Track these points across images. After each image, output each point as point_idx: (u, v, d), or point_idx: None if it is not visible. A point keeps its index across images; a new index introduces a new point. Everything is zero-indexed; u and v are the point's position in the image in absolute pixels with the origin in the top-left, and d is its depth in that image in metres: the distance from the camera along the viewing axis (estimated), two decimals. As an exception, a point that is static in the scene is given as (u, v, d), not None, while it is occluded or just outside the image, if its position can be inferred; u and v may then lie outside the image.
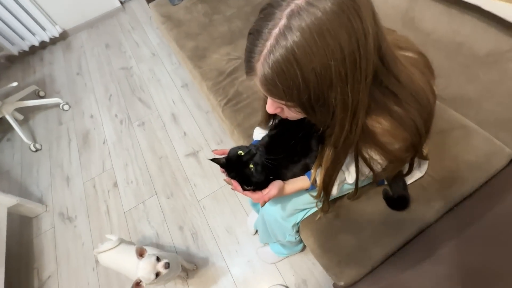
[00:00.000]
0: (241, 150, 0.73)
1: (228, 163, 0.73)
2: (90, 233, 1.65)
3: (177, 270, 1.16)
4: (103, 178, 1.86)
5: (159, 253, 1.11)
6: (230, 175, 0.73)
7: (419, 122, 0.57)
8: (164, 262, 0.99)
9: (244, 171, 0.70)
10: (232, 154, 0.74)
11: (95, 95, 2.37)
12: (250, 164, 0.70)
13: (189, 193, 1.67)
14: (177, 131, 1.97)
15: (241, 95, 1.38)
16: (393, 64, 0.52)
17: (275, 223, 0.97)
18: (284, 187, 0.77)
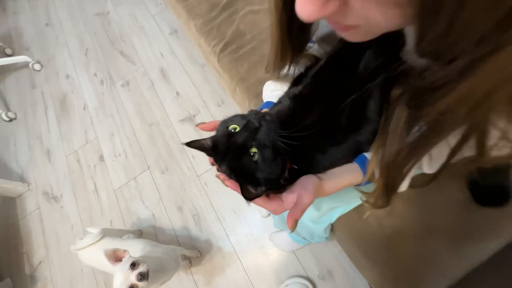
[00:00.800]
0: (235, 123, 0.40)
1: (217, 148, 0.41)
2: (78, 214, 1.44)
3: (174, 268, 0.93)
4: (87, 151, 1.59)
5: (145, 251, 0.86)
6: (221, 168, 0.41)
7: None
8: (138, 271, 0.73)
9: (241, 160, 0.38)
10: (220, 131, 0.41)
11: (69, 50, 1.97)
12: (251, 147, 0.38)
13: (187, 167, 1.39)
14: (168, 90, 1.61)
15: (244, 36, 0.98)
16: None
17: (301, 226, 0.68)
18: (322, 186, 0.44)
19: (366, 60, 0.41)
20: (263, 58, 0.92)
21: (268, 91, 0.59)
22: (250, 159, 0.37)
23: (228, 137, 0.39)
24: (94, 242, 0.96)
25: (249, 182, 0.38)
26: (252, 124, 0.38)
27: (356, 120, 0.43)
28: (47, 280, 1.35)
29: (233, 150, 0.37)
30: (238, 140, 0.37)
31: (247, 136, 0.37)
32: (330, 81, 0.44)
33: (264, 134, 0.37)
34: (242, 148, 0.37)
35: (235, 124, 0.40)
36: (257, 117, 0.39)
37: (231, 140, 0.38)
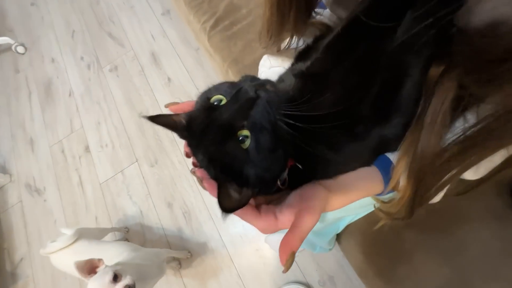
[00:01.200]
0: (220, 93, 0.28)
1: (192, 128, 0.28)
2: (62, 208, 1.35)
3: (157, 275, 0.83)
4: (72, 140, 1.47)
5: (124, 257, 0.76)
6: (198, 158, 0.28)
7: None
8: (123, 285, 0.63)
9: (225, 147, 0.26)
10: (199, 104, 0.29)
11: (55, 32, 1.82)
12: (241, 128, 0.26)
13: (178, 160, 1.28)
14: (159, 76, 1.48)
15: (238, 11, 0.84)
16: None
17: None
18: (330, 201, 0.31)
19: (405, 25, 0.27)
20: (260, 35, 0.79)
21: (264, 68, 0.46)
22: (238, 145, 0.25)
23: (208, 112, 0.27)
24: (67, 245, 0.86)
25: (233, 180, 0.26)
26: (245, 94, 0.25)
27: (384, 108, 0.31)
28: (29, 278, 1.26)
29: (214, 131, 0.25)
30: (222, 116, 0.25)
31: (236, 111, 0.25)
32: (349, 55, 0.31)
33: (262, 111, 0.25)
34: (227, 128, 0.25)
35: (219, 95, 0.28)
36: (253, 85, 0.26)
37: (212, 116, 0.26)
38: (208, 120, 0.26)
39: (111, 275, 0.64)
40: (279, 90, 0.30)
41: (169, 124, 0.30)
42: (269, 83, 0.29)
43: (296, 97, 0.30)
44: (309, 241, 0.57)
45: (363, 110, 0.31)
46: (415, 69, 0.28)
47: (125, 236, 1.20)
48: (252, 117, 0.25)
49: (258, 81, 0.28)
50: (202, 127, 0.26)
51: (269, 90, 0.27)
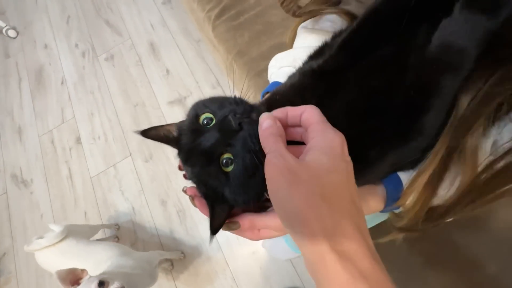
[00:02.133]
0: (209, 112, 0.28)
1: (181, 144, 0.29)
2: (50, 202, 1.28)
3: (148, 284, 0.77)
4: (62, 131, 1.41)
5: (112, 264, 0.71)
6: (187, 172, 0.29)
7: None
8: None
9: (208, 169, 0.27)
10: (189, 120, 0.29)
11: (49, 16, 1.74)
12: (222, 153, 0.26)
13: (173, 156, 1.21)
14: (157, 68, 1.42)
15: (246, 0, 0.79)
16: None
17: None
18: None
19: (444, 36, 0.23)
20: (269, 27, 0.74)
21: (274, 69, 0.42)
22: (220, 169, 0.26)
23: (195, 135, 0.27)
24: (54, 243, 0.80)
25: (217, 200, 0.27)
26: (228, 125, 0.25)
27: (405, 129, 0.26)
28: (11, 274, 1.20)
29: (198, 155, 0.26)
30: (207, 143, 0.26)
31: (218, 141, 0.25)
32: (367, 55, 0.27)
33: (244, 142, 0.25)
34: (209, 155, 0.26)
35: (209, 113, 0.27)
36: (237, 117, 0.25)
37: (197, 140, 0.26)
38: (193, 143, 0.26)
39: (96, 283, 0.59)
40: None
41: (160, 137, 0.30)
42: (256, 111, 0.26)
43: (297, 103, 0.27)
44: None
45: (382, 128, 0.27)
46: (449, 90, 0.24)
47: (115, 233, 1.14)
48: (234, 147, 0.25)
49: (244, 108, 0.26)
50: (188, 148, 0.27)
51: (254, 120, 0.25)
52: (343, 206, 0.19)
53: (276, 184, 0.19)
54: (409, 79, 0.25)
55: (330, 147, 0.20)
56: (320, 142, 0.21)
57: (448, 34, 0.22)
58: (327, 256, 0.17)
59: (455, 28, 0.22)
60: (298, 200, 0.18)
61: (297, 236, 0.19)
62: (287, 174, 0.19)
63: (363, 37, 0.28)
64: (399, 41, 0.26)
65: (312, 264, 0.19)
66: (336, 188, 0.19)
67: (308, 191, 0.18)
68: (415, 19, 0.25)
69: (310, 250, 0.18)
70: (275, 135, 0.22)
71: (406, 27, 0.25)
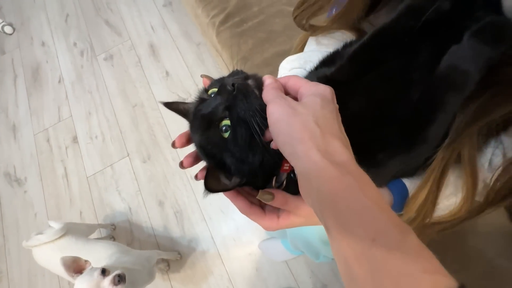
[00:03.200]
0: (215, 87, 0.29)
1: (193, 115, 0.30)
2: (44, 201, 1.27)
3: (146, 281, 0.78)
4: (59, 129, 1.40)
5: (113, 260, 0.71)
6: (194, 142, 0.30)
7: None
8: (113, 276, 0.59)
9: (208, 133, 0.28)
10: (198, 95, 0.31)
11: (47, 14, 1.73)
12: (222, 119, 0.28)
13: (171, 157, 1.24)
14: (157, 69, 1.43)
15: (250, 8, 0.82)
16: None
17: (308, 246, 0.54)
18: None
19: (458, 51, 0.26)
20: (271, 35, 0.77)
21: (285, 70, 0.44)
22: (218, 134, 0.27)
23: (198, 103, 0.29)
24: (53, 239, 0.80)
25: (221, 169, 0.28)
26: (224, 89, 0.27)
27: (411, 138, 0.29)
28: (2, 274, 1.18)
29: (198, 120, 0.28)
30: (206, 108, 0.27)
31: (216, 105, 0.27)
32: (376, 68, 0.30)
33: (243, 104, 0.26)
34: (208, 119, 0.28)
35: (215, 88, 0.29)
36: (232, 79, 0.27)
37: (199, 107, 0.29)
38: (195, 110, 0.29)
39: (99, 270, 0.60)
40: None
41: (180, 110, 0.33)
42: (253, 77, 0.28)
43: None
44: (314, 249, 0.55)
45: (389, 135, 0.30)
46: (452, 106, 0.27)
47: (111, 233, 1.14)
48: (233, 110, 0.26)
49: (241, 75, 0.29)
50: (192, 117, 0.29)
51: (248, 84, 0.27)
52: (333, 132, 0.23)
53: (278, 116, 0.23)
54: (416, 93, 0.28)
55: (323, 94, 0.24)
56: (314, 91, 0.25)
57: (456, 58, 0.25)
58: (320, 163, 0.21)
59: (463, 54, 0.25)
60: (296, 125, 0.22)
61: (295, 155, 0.22)
62: (287, 108, 0.23)
63: (372, 51, 0.31)
64: (405, 57, 0.29)
65: (307, 174, 0.22)
66: (327, 119, 0.23)
67: (304, 119, 0.22)
68: (421, 39, 0.28)
69: (306, 161, 0.21)
70: (276, 89, 0.26)
71: (412, 45, 0.28)
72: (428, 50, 0.28)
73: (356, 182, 0.20)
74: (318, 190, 0.21)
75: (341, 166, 0.21)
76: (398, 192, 0.35)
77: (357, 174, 0.21)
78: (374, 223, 0.19)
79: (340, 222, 0.20)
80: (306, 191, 0.23)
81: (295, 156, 0.22)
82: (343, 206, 0.20)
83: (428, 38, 0.28)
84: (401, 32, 0.29)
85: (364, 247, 0.19)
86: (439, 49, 0.27)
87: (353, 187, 0.20)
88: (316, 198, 0.21)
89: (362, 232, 0.19)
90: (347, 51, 0.34)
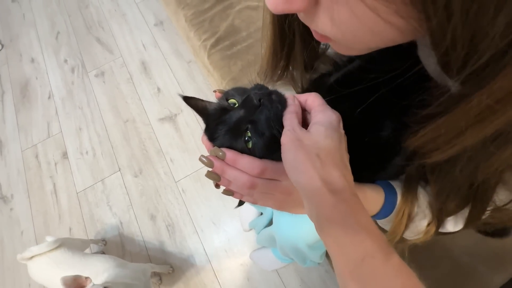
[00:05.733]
0: (235, 98, 0.32)
1: (210, 119, 0.33)
2: (31, 218, 1.25)
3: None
4: (48, 145, 1.40)
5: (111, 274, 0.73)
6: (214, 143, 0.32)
7: None
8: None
9: (236, 143, 0.30)
10: (220, 101, 0.33)
11: (37, 31, 1.75)
12: (246, 130, 0.30)
13: (163, 171, 1.26)
14: (149, 85, 1.47)
15: (239, 33, 0.89)
16: None
17: (294, 251, 0.59)
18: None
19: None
20: (259, 58, 0.84)
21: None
22: (244, 144, 0.29)
23: (221, 112, 0.31)
24: (46, 251, 0.80)
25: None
26: (250, 102, 0.29)
27: (387, 158, 0.35)
28: (-15, 295, 1.14)
29: (225, 130, 0.30)
30: (231, 119, 0.29)
31: (241, 117, 0.29)
32: (348, 101, 0.33)
33: (263, 118, 0.29)
34: (235, 130, 0.30)
35: (234, 99, 0.32)
36: (258, 94, 0.29)
37: (223, 117, 0.30)
38: (219, 119, 0.30)
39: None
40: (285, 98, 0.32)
41: (198, 107, 0.34)
42: (275, 93, 0.31)
43: None
44: (301, 254, 0.60)
45: (368, 158, 0.34)
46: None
47: (102, 249, 1.14)
48: (254, 123, 0.29)
49: (265, 90, 0.31)
50: (216, 124, 0.31)
51: (274, 99, 0.30)
52: (334, 162, 0.26)
53: (287, 148, 0.26)
54: (387, 130, 0.33)
55: (329, 122, 0.27)
56: (321, 118, 0.28)
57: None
58: (320, 190, 0.24)
59: None
60: (301, 157, 0.25)
61: (299, 182, 0.26)
62: (295, 141, 0.26)
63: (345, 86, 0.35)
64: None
65: (309, 199, 0.26)
66: (329, 150, 0.26)
67: (308, 151, 0.25)
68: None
69: (309, 189, 0.25)
70: (292, 113, 0.29)
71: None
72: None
73: (349, 209, 0.24)
74: (318, 214, 0.25)
75: (338, 194, 0.25)
76: (387, 190, 0.36)
77: (351, 202, 0.25)
78: (363, 246, 0.24)
79: (336, 242, 0.25)
80: (309, 212, 0.27)
81: (299, 183, 0.26)
82: (339, 230, 0.24)
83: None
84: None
85: (356, 265, 0.23)
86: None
87: (347, 214, 0.24)
88: (316, 220, 0.26)
89: (353, 253, 0.24)
90: (327, 81, 0.40)
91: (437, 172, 0.31)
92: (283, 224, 0.55)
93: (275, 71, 0.41)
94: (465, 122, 0.19)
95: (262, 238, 0.83)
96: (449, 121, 0.20)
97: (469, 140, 0.20)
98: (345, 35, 0.20)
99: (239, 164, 0.29)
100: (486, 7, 0.13)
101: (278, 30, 0.34)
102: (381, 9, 0.16)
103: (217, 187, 0.33)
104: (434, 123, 0.21)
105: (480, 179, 0.26)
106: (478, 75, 0.17)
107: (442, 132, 0.21)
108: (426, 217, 0.36)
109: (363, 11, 0.16)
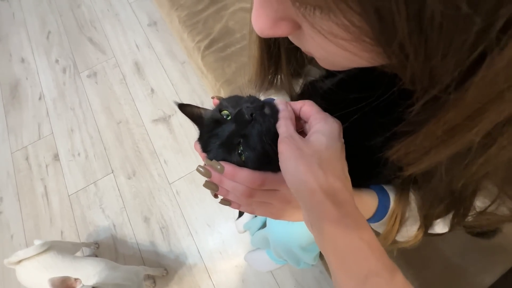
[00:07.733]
0: (228, 110, 0.31)
1: (203, 129, 0.33)
2: (22, 222, 1.23)
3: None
4: (39, 147, 1.37)
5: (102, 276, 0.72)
6: (208, 154, 0.32)
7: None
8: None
9: (230, 157, 0.30)
10: (213, 112, 0.32)
11: (28, 31, 1.72)
12: (238, 144, 0.30)
13: (157, 173, 1.25)
14: (142, 86, 1.46)
15: (232, 34, 0.89)
16: None
17: (288, 253, 0.59)
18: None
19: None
20: (253, 60, 0.84)
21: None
22: (238, 157, 0.29)
23: (214, 125, 0.31)
24: (33, 255, 0.78)
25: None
26: (242, 116, 0.28)
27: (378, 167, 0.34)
28: (-27, 301, 1.12)
29: (218, 143, 0.30)
30: (224, 132, 0.29)
31: (233, 132, 0.29)
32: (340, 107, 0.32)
33: (255, 133, 0.28)
34: (227, 143, 0.29)
35: (227, 111, 0.31)
36: (250, 108, 0.29)
37: (216, 130, 0.30)
38: (212, 133, 0.30)
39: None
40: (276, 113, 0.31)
41: (192, 115, 0.33)
42: (269, 106, 0.30)
43: None
44: (295, 256, 0.60)
45: (361, 167, 0.32)
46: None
47: (94, 252, 1.12)
48: (246, 137, 0.28)
49: (257, 103, 0.30)
50: (209, 136, 0.30)
51: (266, 114, 0.29)
52: (335, 173, 0.25)
53: (286, 157, 0.25)
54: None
55: (330, 131, 0.26)
56: (322, 127, 0.27)
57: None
58: (323, 203, 0.23)
59: None
60: (302, 167, 0.24)
61: (301, 193, 0.25)
62: (295, 150, 0.25)
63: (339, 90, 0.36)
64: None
65: (310, 211, 0.25)
66: (330, 160, 0.25)
67: (309, 162, 0.24)
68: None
69: (310, 200, 0.24)
70: (287, 119, 0.28)
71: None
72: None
73: (353, 223, 0.23)
74: (320, 227, 0.24)
75: (341, 207, 0.23)
76: (380, 194, 0.36)
77: (354, 216, 0.24)
78: (366, 263, 0.22)
79: (339, 258, 0.24)
80: (309, 224, 0.26)
81: (300, 193, 0.24)
82: (342, 246, 0.23)
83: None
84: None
85: (358, 282, 0.22)
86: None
87: (351, 229, 0.23)
88: (318, 232, 0.25)
89: (356, 269, 0.23)
90: (320, 88, 0.39)
91: (420, 182, 0.31)
92: (276, 226, 0.56)
93: (264, 81, 0.41)
94: (429, 143, 0.20)
95: (257, 240, 0.83)
96: (416, 140, 0.21)
97: (436, 157, 0.21)
98: (327, 57, 0.21)
99: (238, 178, 0.28)
100: (434, 49, 0.14)
101: (264, 45, 0.34)
102: (349, 47, 0.17)
103: (215, 197, 0.33)
104: (406, 139, 0.22)
105: (458, 188, 0.26)
106: (433, 104, 0.18)
107: (411, 149, 0.22)
108: (417, 222, 0.36)
109: (334, 47, 0.17)
